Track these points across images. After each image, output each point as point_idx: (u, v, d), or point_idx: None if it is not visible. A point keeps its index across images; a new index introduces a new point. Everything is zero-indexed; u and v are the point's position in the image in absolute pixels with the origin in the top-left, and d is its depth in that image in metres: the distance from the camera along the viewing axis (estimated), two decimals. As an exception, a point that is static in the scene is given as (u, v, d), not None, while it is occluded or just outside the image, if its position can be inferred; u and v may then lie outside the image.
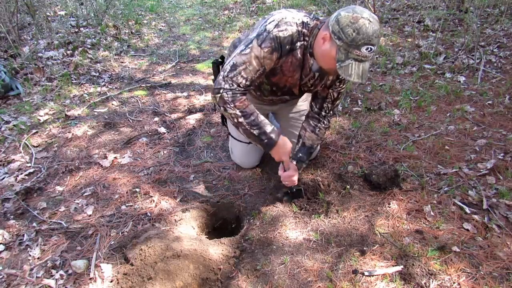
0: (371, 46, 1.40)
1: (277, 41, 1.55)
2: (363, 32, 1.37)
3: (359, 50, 1.41)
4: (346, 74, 1.45)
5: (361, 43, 1.39)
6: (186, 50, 4.56)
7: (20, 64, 3.72)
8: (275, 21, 1.56)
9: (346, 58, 1.44)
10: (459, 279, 1.48)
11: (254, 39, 1.57)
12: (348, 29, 1.39)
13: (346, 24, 1.40)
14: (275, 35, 1.55)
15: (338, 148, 2.37)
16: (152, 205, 2.01)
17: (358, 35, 1.38)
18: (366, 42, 1.39)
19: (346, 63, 1.44)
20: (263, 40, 1.55)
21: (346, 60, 1.44)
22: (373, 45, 1.40)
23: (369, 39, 1.38)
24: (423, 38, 3.90)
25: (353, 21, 1.39)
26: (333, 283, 1.51)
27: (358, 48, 1.40)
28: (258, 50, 1.56)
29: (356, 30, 1.38)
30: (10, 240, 1.82)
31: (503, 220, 1.74)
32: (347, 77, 1.46)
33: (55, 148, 2.58)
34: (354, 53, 1.42)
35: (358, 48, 1.40)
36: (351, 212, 1.86)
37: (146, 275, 1.50)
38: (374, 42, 1.40)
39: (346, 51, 1.43)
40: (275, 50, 1.57)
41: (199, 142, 2.60)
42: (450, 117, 2.61)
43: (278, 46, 1.57)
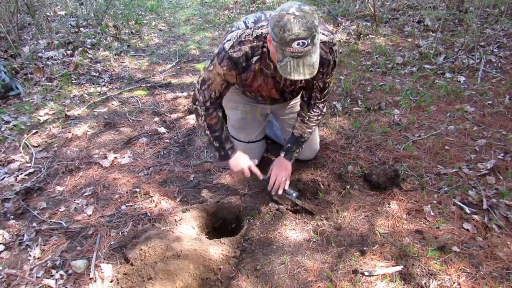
0: (302, 40, 1.37)
1: (232, 61, 1.64)
2: (288, 28, 1.36)
3: (291, 47, 1.39)
4: (286, 73, 1.44)
5: (289, 40, 1.37)
6: (186, 50, 4.56)
7: (20, 64, 3.72)
8: (231, 41, 1.64)
9: (283, 57, 1.43)
10: (459, 279, 1.48)
11: (215, 57, 1.69)
12: (276, 28, 1.39)
13: (274, 24, 1.40)
14: (229, 55, 1.63)
15: (338, 148, 2.37)
16: (152, 205, 2.01)
17: (284, 32, 1.37)
18: (294, 38, 1.37)
19: (284, 61, 1.43)
20: (222, 59, 1.66)
21: (283, 59, 1.43)
22: (304, 38, 1.37)
23: (296, 35, 1.36)
24: (423, 38, 3.90)
25: (278, 19, 1.38)
26: (333, 283, 1.51)
27: (289, 45, 1.38)
28: (219, 68, 1.68)
29: (281, 28, 1.37)
30: (10, 240, 1.82)
31: (503, 220, 1.74)
32: (286, 75, 1.45)
33: (55, 148, 2.58)
34: (288, 51, 1.40)
35: (289, 45, 1.38)
36: (351, 212, 1.86)
37: (146, 275, 1.50)
38: (303, 36, 1.36)
39: (281, 50, 1.42)
40: (232, 68, 1.67)
41: (199, 142, 2.60)
42: (450, 117, 2.61)
43: (234, 65, 1.66)
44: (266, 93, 1.87)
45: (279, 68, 1.45)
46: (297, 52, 1.40)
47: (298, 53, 1.40)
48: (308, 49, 1.40)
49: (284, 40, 1.38)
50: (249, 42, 1.63)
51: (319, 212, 1.88)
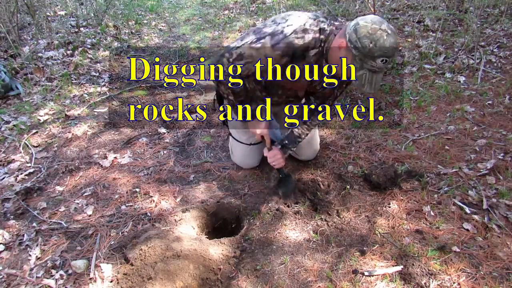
0: (387, 58, 1.40)
1: (291, 47, 1.54)
2: (380, 44, 1.37)
3: (374, 62, 1.40)
4: (359, 84, 1.46)
5: (377, 55, 1.39)
6: (186, 50, 4.56)
7: (20, 64, 3.72)
8: (294, 26, 1.53)
9: (360, 68, 1.44)
10: (459, 279, 1.48)
11: (267, 36, 1.53)
12: (366, 40, 1.38)
13: (364, 34, 1.39)
14: (291, 41, 1.52)
15: (338, 148, 2.37)
16: (152, 205, 2.01)
17: (375, 46, 1.37)
18: (382, 54, 1.38)
19: (360, 72, 1.45)
20: (277, 41, 1.52)
21: (360, 70, 1.45)
22: (389, 57, 1.40)
23: (385, 52, 1.38)
24: (423, 38, 3.90)
25: (371, 32, 1.38)
26: (333, 283, 1.51)
27: (374, 59, 1.40)
28: (269, 50, 1.54)
29: (373, 42, 1.37)
30: (10, 240, 1.82)
31: (503, 220, 1.74)
32: (360, 87, 1.47)
33: (55, 148, 2.58)
34: (369, 64, 1.42)
35: (374, 60, 1.40)
36: (351, 212, 1.86)
37: (146, 275, 1.50)
38: (389, 54, 1.39)
39: (361, 61, 1.43)
40: (286, 55, 1.56)
41: (199, 142, 2.60)
42: (450, 117, 2.60)
43: (290, 52, 1.55)
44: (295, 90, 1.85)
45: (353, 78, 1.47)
46: (376, 68, 1.42)
47: (377, 68, 1.43)
48: (385, 66, 1.43)
49: (371, 53, 1.38)
50: (313, 32, 1.55)
51: None
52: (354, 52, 1.43)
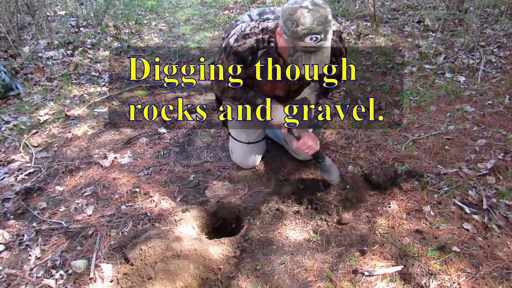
0: (316, 35, 1.34)
1: (238, 55, 1.64)
2: (301, 22, 1.33)
3: (303, 41, 1.36)
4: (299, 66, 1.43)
5: (302, 34, 1.34)
6: (186, 50, 4.56)
7: (20, 64, 3.72)
8: (235, 35, 1.63)
9: (294, 51, 1.41)
10: (459, 279, 1.48)
11: (222, 51, 1.70)
12: (288, 22, 1.36)
13: (286, 17, 1.37)
14: (235, 50, 1.63)
15: (338, 148, 2.37)
16: (152, 205, 2.01)
17: (297, 26, 1.33)
18: (307, 33, 1.33)
19: (295, 56, 1.41)
20: (228, 54, 1.68)
21: (295, 54, 1.41)
22: (318, 33, 1.34)
23: (310, 29, 1.33)
24: (423, 38, 3.90)
25: (292, 12, 1.35)
26: (333, 283, 1.51)
27: (302, 39, 1.35)
28: (226, 62, 1.70)
29: (294, 22, 1.33)
30: (10, 240, 1.82)
31: (503, 220, 1.74)
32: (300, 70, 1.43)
33: (55, 148, 2.58)
34: (300, 45, 1.37)
35: (302, 40, 1.35)
36: (351, 212, 1.86)
37: (146, 275, 1.50)
38: (317, 31, 1.33)
39: (292, 44, 1.39)
40: (238, 62, 1.66)
41: (199, 142, 2.60)
42: (450, 117, 2.60)
43: (240, 59, 1.65)
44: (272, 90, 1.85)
45: (290, 63, 1.44)
46: (309, 47, 1.37)
47: (311, 48, 1.37)
48: (320, 44, 1.37)
49: (296, 34, 1.34)
50: (255, 34, 1.59)
51: None
52: (285, 37, 1.41)
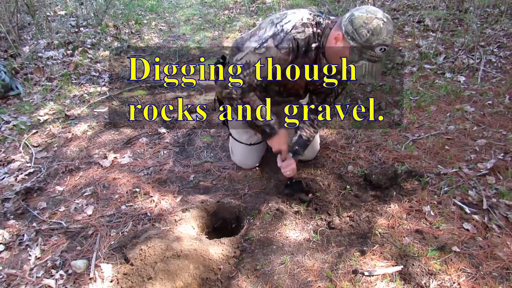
0: (385, 47, 1.40)
1: (295, 43, 1.54)
2: (377, 32, 1.37)
3: (373, 51, 1.40)
4: (360, 74, 1.45)
5: (375, 44, 1.38)
6: (186, 50, 4.56)
7: (20, 64, 3.72)
8: (292, 22, 1.54)
9: (359, 59, 1.44)
10: (459, 279, 1.48)
11: (269, 39, 1.53)
12: (362, 30, 1.38)
13: (360, 25, 1.39)
14: (293, 36, 1.53)
15: (338, 148, 2.37)
16: (152, 205, 2.01)
17: (373, 36, 1.37)
18: (380, 43, 1.38)
19: (360, 63, 1.44)
20: (281, 40, 1.53)
21: (359, 61, 1.44)
22: (387, 45, 1.40)
23: (383, 40, 1.38)
24: (423, 38, 3.90)
25: (367, 21, 1.38)
26: (333, 283, 1.51)
27: (372, 49, 1.40)
28: (275, 51, 1.54)
29: (370, 31, 1.37)
30: (10, 240, 1.82)
31: (503, 220, 1.74)
32: (360, 77, 1.46)
33: (55, 148, 2.58)
34: (368, 54, 1.41)
35: (372, 49, 1.40)
36: (351, 212, 1.86)
37: (146, 275, 1.50)
38: (388, 43, 1.39)
39: (359, 51, 1.42)
40: (292, 51, 1.56)
41: (199, 142, 2.60)
42: (450, 117, 2.61)
43: (295, 47, 1.56)
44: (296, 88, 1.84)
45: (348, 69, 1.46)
46: (375, 57, 1.42)
47: (377, 57, 1.42)
48: (384, 54, 1.43)
49: (369, 43, 1.38)
50: (312, 26, 1.57)
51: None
52: (351, 44, 1.43)
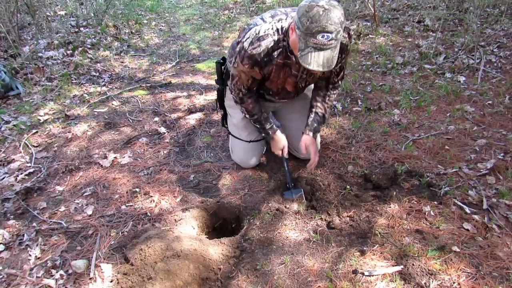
0: (328, 34, 1.39)
1: (253, 59, 1.67)
2: (316, 20, 1.38)
3: (315, 38, 1.41)
4: (306, 62, 1.46)
5: (315, 31, 1.39)
6: (186, 50, 4.56)
7: (20, 64, 3.72)
8: (250, 38, 1.66)
9: (305, 47, 1.45)
10: (459, 279, 1.48)
11: (237, 55, 1.72)
12: (303, 18, 1.41)
13: (302, 13, 1.42)
14: (249, 53, 1.66)
15: (338, 148, 2.37)
16: (152, 205, 2.01)
17: (312, 23, 1.39)
18: (320, 30, 1.39)
19: (306, 51, 1.45)
20: (242, 58, 1.69)
21: (305, 49, 1.45)
22: (329, 32, 1.39)
23: (323, 27, 1.38)
24: (423, 38, 3.90)
25: (308, 9, 1.40)
26: (333, 283, 1.51)
27: (314, 36, 1.40)
28: (241, 66, 1.72)
29: (309, 19, 1.39)
30: (10, 240, 1.82)
31: (503, 220, 1.74)
32: (306, 65, 1.46)
33: (55, 148, 2.58)
34: (312, 42, 1.42)
35: (314, 36, 1.40)
36: (351, 212, 1.86)
37: (146, 275, 1.50)
38: (330, 29, 1.39)
39: (304, 40, 1.44)
40: (254, 65, 1.69)
41: (199, 142, 2.60)
42: (450, 117, 2.61)
43: (255, 62, 1.68)
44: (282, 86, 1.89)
45: (300, 58, 1.47)
46: (320, 44, 1.42)
47: (321, 45, 1.42)
48: (330, 43, 1.42)
49: (310, 30, 1.40)
50: (269, 36, 1.65)
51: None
52: (297, 32, 1.46)
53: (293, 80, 1.85)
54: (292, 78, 1.83)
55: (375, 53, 3.76)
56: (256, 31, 1.66)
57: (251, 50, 1.65)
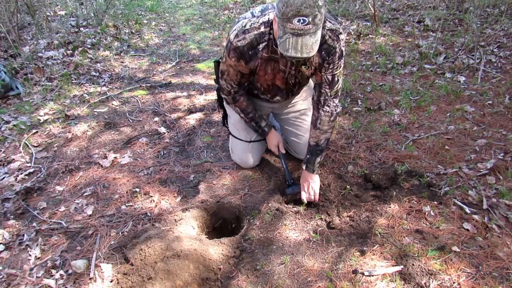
0: (303, 18, 1.38)
1: (238, 51, 1.69)
2: (290, 4, 1.37)
3: (291, 23, 1.39)
4: (284, 49, 1.44)
5: (290, 15, 1.38)
6: (186, 50, 4.56)
7: (20, 64, 3.72)
8: (235, 31, 1.68)
9: (283, 34, 1.43)
10: (459, 279, 1.48)
11: (225, 49, 1.75)
12: (280, 3, 1.40)
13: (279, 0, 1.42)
14: (235, 45, 1.68)
15: (338, 148, 2.37)
16: (152, 205, 2.01)
17: (287, 7, 1.38)
18: (295, 14, 1.37)
19: (284, 38, 1.44)
20: (229, 51, 1.72)
21: (283, 36, 1.44)
22: (305, 16, 1.37)
23: (297, 10, 1.36)
24: (423, 38, 3.90)
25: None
26: (333, 283, 1.51)
27: (289, 20, 1.39)
28: (229, 60, 1.76)
29: (285, 4, 1.38)
30: (10, 240, 1.82)
31: (503, 220, 1.74)
32: (284, 52, 1.44)
33: (55, 148, 2.58)
34: (289, 27, 1.41)
35: (290, 21, 1.39)
36: (351, 212, 1.86)
37: (146, 275, 1.50)
38: (305, 13, 1.37)
39: (282, 26, 1.43)
40: (240, 58, 1.71)
41: (199, 142, 2.60)
42: (450, 117, 2.61)
43: (240, 54, 1.70)
44: (272, 82, 1.89)
45: (279, 45, 1.45)
46: (297, 29, 1.40)
47: (298, 30, 1.40)
48: (308, 27, 1.40)
49: (285, 15, 1.39)
50: (255, 29, 1.65)
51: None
52: (277, 20, 1.45)
53: (282, 75, 1.84)
54: (281, 73, 1.83)
55: (375, 53, 3.76)
56: (243, 24, 1.67)
57: (236, 42, 1.67)
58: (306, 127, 2.17)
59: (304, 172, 1.96)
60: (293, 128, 2.20)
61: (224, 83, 1.89)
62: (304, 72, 1.82)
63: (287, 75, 1.84)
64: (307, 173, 1.94)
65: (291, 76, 1.85)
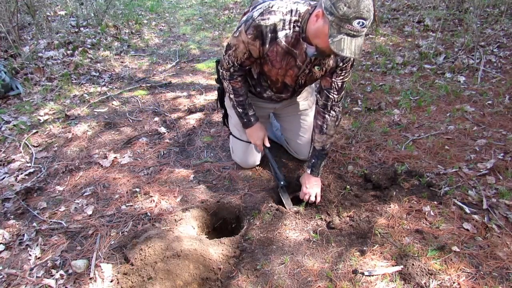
0: (363, 20, 1.40)
1: (258, 29, 1.64)
2: (354, 5, 1.38)
3: (351, 24, 1.40)
4: (339, 49, 1.45)
5: (352, 17, 1.39)
6: (186, 50, 4.56)
7: (20, 64, 3.72)
8: (261, 9, 1.64)
9: (338, 33, 1.44)
10: (459, 279, 1.48)
11: (243, 24, 1.69)
12: (340, 3, 1.40)
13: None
14: (257, 23, 1.63)
15: (338, 148, 2.37)
16: (152, 205, 2.01)
17: (350, 8, 1.38)
18: (357, 16, 1.39)
19: (338, 37, 1.44)
20: (248, 26, 1.65)
21: (338, 35, 1.44)
22: (365, 19, 1.40)
23: (360, 13, 1.38)
24: (423, 38, 3.90)
25: None
26: (333, 283, 1.51)
27: (350, 22, 1.40)
28: (244, 36, 1.68)
29: (347, 4, 1.38)
30: (10, 240, 1.82)
31: (503, 220, 1.74)
32: (339, 52, 1.45)
33: (55, 148, 2.58)
34: (346, 28, 1.42)
35: (350, 22, 1.40)
36: (351, 212, 1.86)
37: (146, 275, 1.50)
38: (365, 16, 1.39)
39: (338, 25, 1.43)
40: (257, 37, 1.66)
41: (199, 142, 2.60)
42: (450, 117, 2.61)
43: (259, 34, 1.65)
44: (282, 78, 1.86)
45: (331, 44, 1.45)
46: (354, 31, 1.42)
47: (355, 32, 1.42)
48: (363, 30, 1.43)
49: (346, 16, 1.39)
50: (281, 13, 1.63)
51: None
52: (330, 18, 1.44)
53: (294, 72, 1.81)
54: (294, 70, 1.80)
55: (375, 53, 3.76)
56: (270, 4, 1.64)
57: (259, 20, 1.62)
58: (306, 127, 2.17)
59: (306, 174, 1.96)
60: (294, 128, 2.20)
61: (227, 58, 1.82)
62: (314, 73, 1.81)
63: (300, 73, 1.82)
64: (311, 176, 1.94)
65: (303, 75, 1.84)
